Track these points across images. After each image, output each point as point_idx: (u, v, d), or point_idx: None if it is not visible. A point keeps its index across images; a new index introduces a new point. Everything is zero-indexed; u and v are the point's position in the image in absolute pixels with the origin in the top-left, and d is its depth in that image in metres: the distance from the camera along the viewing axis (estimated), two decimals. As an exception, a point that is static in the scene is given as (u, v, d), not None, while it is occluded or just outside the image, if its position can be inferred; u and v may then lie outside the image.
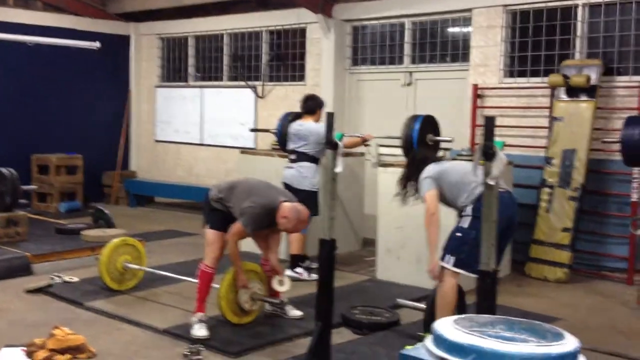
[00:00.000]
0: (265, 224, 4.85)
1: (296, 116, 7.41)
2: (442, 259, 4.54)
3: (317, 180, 6.49)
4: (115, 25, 11.49)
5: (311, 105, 6.74)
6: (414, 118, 6.43)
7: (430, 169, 4.71)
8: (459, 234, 4.48)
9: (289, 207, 4.75)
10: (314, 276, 6.37)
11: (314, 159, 6.56)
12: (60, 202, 10.33)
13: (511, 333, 2.33)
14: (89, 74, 11.18)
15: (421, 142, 6.25)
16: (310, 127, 6.59)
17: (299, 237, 6.51)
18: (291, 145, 6.73)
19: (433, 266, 4.55)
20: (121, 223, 8.45)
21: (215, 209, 5.01)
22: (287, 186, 6.51)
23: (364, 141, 6.75)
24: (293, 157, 6.67)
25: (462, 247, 4.43)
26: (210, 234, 5.00)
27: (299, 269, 6.53)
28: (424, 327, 4.65)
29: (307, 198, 6.46)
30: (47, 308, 5.56)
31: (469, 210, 4.48)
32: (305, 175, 6.53)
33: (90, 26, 11.04)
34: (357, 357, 4.53)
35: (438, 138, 6.37)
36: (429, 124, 6.36)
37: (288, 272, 6.30)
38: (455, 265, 4.45)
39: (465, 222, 4.47)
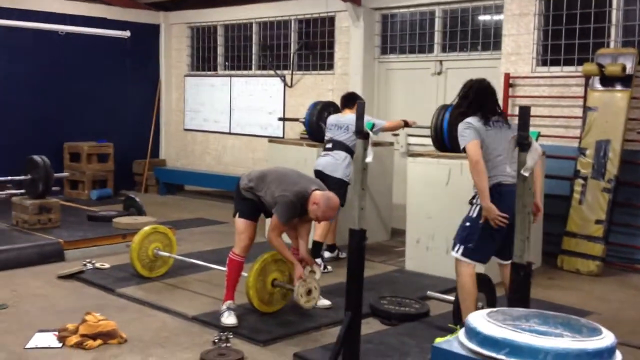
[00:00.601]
0: (298, 212, 4.85)
1: (324, 105, 7.40)
2: (453, 248, 4.53)
3: (350, 171, 6.46)
4: (146, 14, 11.56)
5: (352, 100, 6.74)
6: (444, 108, 6.40)
7: (475, 122, 4.45)
8: (468, 224, 4.47)
9: (320, 194, 4.76)
10: (329, 268, 6.40)
11: (350, 151, 6.53)
12: (91, 190, 10.46)
13: (546, 327, 2.29)
14: (120, 63, 11.28)
15: (451, 132, 6.22)
16: (352, 117, 6.56)
17: (325, 225, 6.49)
18: (329, 135, 6.76)
19: (490, 209, 4.32)
20: (151, 211, 8.54)
21: (246, 198, 5.01)
22: (320, 173, 6.52)
23: (406, 124, 6.80)
24: (329, 145, 6.69)
25: (470, 237, 4.42)
26: (240, 222, 5.01)
27: (318, 260, 6.41)
28: (454, 319, 4.62)
29: (338, 187, 6.46)
30: (79, 294, 5.64)
31: (478, 199, 4.42)
32: (340, 163, 6.52)
33: (121, 15, 11.13)
34: (386, 347, 4.51)
35: None
36: None
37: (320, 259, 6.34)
38: (464, 254, 4.44)
39: (475, 212, 4.43)
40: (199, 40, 11.63)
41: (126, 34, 10.35)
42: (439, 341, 2.46)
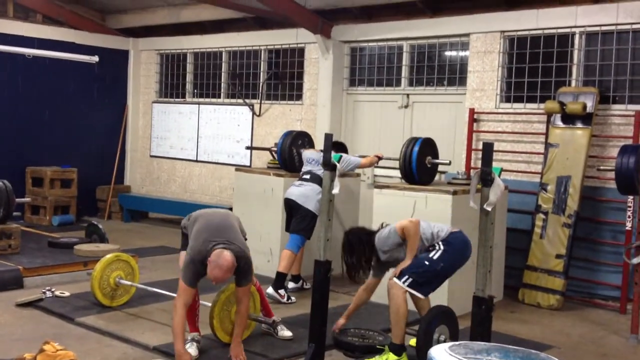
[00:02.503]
0: (198, 272, 4.58)
1: (297, 135, 7.47)
2: (399, 278, 4.66)
3: (317, 203, 6.53)
4: (115, 39, 11.53)
5: (339, 147, 6.99)
6: (414, 140, 6.51)
7: (386, 230, 4.83)
8: (426, 262, 4.67)
9: (215, 252, 4.45)
10: (293, 299, 6.43)
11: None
12: (53, 216, 10.29)
13: (506, 361, 2.33)
14: (87, 88, 11.20)
15: (420, 164, 6.35)
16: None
17: (288, 255, 6.51)
18: (308, 168, 6.90)
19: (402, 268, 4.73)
20: (114, 238, 8.42)
21: (185, 234, 5.03)
22: (291, 202, 6.58)
23: (379, 159, 6.96)
24: (307, 177, 6.79)
25: (425, 274, 4.64)
26: (182, 256, 4.99)
27: (281, 291, 6.42)
28: (417, 353, 4.64)
29: (309, 218, 6.52)
30: (38, 322, 5.52)
31: (441, 245, 4.72)
32: (314, 196, 6.57)
33: (90, 40, 11.08)
34: (349, 380, 4.50)
35: (436, 161, 6.49)
36: (428, 147, 6.47)
37: (269, 291, 6.29)
38: (410, 285, 4.64)
39: (435, 254, 4.68)
40: (168, 67, 11.63)
41: (94, 58, 10.30)
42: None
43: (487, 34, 7.76)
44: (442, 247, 4.69)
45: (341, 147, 7.07)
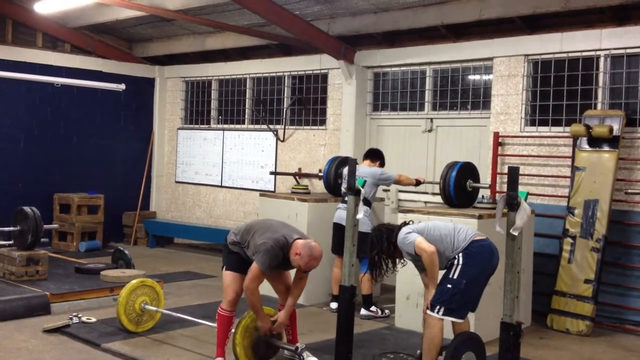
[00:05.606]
0: (279, 259, 4.79)
1: (343, 160, 7.54)
2: (432, 309, 4.60)
3: (370, 222, 6.74)
4: (141, 68, 11.72)
5: (373, 154, 7.21)
6: (452, 165, 6.59)
7: (408, 227, 4.78)
8: (449, 286, 4.58)
9: (302, 244, 4.73)
10: (387, 312, 6.85)
11: (366, 201, 6.77)
12: (80, 242, 10.39)
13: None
14: (114, 115, 11.39)
15: (458, 188, 6.41)
16: (366, 169, 7.01)
17: (365, 277, 6.72)
18: (345, 186, 6.91)
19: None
20: (140, 263, 8.47)
21: (232, 252, 5.02)
22: (340, 227, 6.61)
23: (418, 183, 7.20)
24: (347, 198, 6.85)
25: (453, 298, 4.55)
26: (227, 275, 5.00)
27: (372, 308, 6.82)
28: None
29: (363, 239, 6.53)
30: (64, 348, 5.55)
31: (460, 259, 4.60)
32: (363, 218, 6.59)
33: (117, 69, 11.28)
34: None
35: (477, 184, 6.58)
36: (467, 171, 6.58)
37: (363, 312, 6.75)
38: (444, 314, 4.57)
39: (455, 272, 4.59)
40: (193, 94, 11.77)
41: (121, 86, 10.47)
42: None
43: (511, 57, 7.74)
44: (461, 260, 4.58)
45: (378, 155, 7.22)
